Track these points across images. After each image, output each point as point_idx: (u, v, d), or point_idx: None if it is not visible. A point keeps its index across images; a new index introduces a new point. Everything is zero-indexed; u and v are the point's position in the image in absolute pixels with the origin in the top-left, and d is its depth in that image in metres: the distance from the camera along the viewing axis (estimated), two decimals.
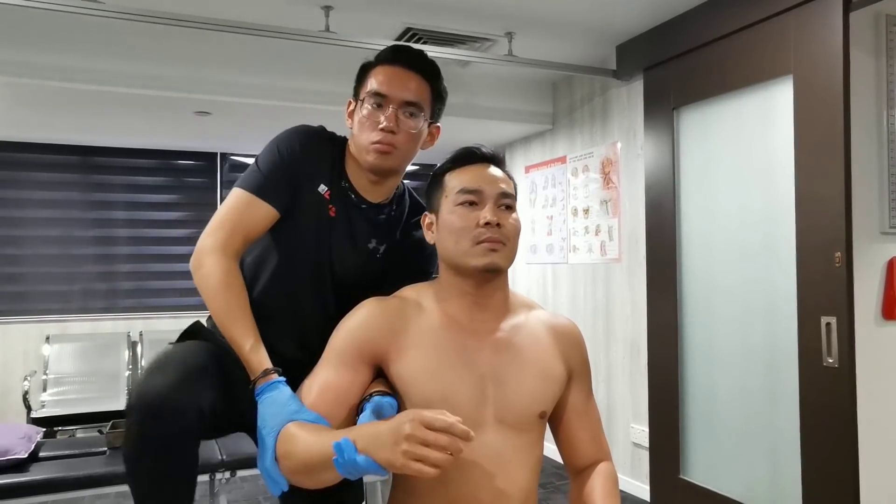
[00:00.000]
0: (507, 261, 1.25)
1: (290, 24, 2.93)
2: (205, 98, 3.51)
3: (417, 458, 0.93)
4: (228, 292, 1.29)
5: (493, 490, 1.19)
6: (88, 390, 4.39)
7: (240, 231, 1.34)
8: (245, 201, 1.36)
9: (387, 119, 1.36)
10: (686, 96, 3.09)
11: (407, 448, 0.93)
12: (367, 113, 1.38)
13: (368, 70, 1.43)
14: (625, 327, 3.72)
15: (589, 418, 1.34)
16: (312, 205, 1.40)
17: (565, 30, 3.33)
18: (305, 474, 1.10)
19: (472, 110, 4.07)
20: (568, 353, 1.32)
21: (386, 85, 1.38)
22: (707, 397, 3.02)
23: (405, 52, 1.43)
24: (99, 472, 2.58)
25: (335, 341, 1.23)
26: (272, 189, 1.36)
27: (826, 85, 2.42)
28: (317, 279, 1.42)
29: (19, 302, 4.56)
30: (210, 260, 1.30)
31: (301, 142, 1.41)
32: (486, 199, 1.24)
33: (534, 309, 1.36)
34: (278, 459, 1.12)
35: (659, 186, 3.25)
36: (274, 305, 1.37)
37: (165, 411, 1.13)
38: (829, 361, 2.39)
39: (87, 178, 4.75)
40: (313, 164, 1.41)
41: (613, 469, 1.33)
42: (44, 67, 3.16)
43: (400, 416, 0.98)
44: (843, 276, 2.35)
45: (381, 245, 1.46)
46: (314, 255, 1.40)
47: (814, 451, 2.47)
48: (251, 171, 1.39)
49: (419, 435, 0.93)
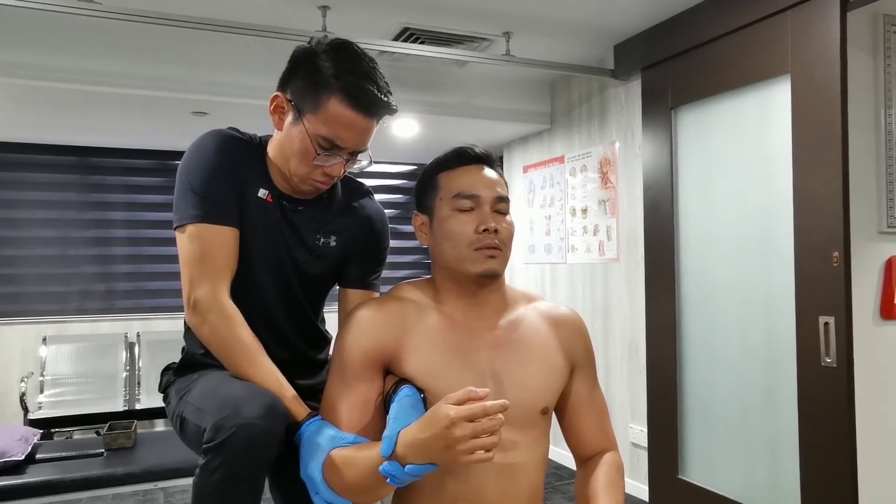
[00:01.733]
0: (504, 265, 1.26)
1: (288, 24, 2.93)
2: (201, 98, 3.50)
3: (472, 451, 0.99)
4: (242, 343, 1.25)
5: (498, 486, 1.20)
6: (86, 391, 4.38)
7: (222, 269, 1.27)
8: (207, 235, 1.26)
9: (338, 170, 1.29)
10: (684, 96, 3.09)
11: (461, 448, 0.98)
12: (313, 152, 1.25)
13: (317, 91, 1.23)
14: (623, 327, 3.72)
15: (594, 408, 1.35)
16: (257, 211, 1.32)
17: (563, 29, 3.32)
18: (359, 496, 1.14)
19: (470, 110, 4.06)
20: (569, 344, 1.32)
21: (344, 134, 1.25)
22: (705, 397, 3.02)
23: (366, 97, 1.24)
24: (96, 474, 2.58)
25: (342, 356, 1.23)
26: (222, 208, 1.27)
27: (824, 84, 2.41)
28: (282, 284, 1.38)
29: (16, 303, 4.55)
30: (212, 316, 1.24)
31: (226, 148, 1.30)
32: (483, 204, 1.23)
33: (534, 301, 1.36)
34: (331, 486, 1.14)
35: (657, 186, 3.25)
36: (250, 317, 1.30)
37: (267, 443, 1.10)
38: (827, 361, 2.39)
39: (85, 178, 4.73)
40: (246, 169, 1.32)
41: (619, 458, 1.34)
42: (40, 68, 3.15)
43: (438, 418, 1.01)
44: (840, 276, 2.35)
45: (329, 238, 1.40)
46: (273, 262, 1.35)
47: (812, 450, 2.47)
48: (189, 198, 1.27)
49: (468, 433, 0.98)
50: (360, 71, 1.24)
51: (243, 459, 1.08)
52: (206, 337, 1.27)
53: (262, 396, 1.15)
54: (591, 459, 1.33)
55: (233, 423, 1.08)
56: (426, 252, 5.81)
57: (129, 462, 2.71)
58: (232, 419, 1.08)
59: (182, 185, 1.28)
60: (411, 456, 1.04)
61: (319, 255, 1.39)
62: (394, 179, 5.64)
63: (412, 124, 4.15)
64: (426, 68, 3.88)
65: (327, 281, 1.46)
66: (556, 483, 3.84)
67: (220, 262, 1.26)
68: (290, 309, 1.40)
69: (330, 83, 1.22)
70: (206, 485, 1.10)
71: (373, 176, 5.39)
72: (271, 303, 1.37)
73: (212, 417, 1.11)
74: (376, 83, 1.25)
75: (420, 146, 4.84)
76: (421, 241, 1.31)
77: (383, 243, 1.50)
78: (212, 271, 1.25)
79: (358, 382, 1.21)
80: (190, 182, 1.27)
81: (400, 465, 1.04)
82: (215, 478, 1.09)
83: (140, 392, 4.45)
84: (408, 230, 5.51)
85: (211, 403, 1.17)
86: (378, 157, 5.40)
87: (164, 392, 1.45)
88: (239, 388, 1.19)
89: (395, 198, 5.62)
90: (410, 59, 3.66)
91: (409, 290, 1.31)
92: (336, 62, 1.23)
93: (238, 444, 1.07)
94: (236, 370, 1.25)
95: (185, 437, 1.31)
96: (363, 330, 1.23)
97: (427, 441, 1.02)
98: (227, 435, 1.07)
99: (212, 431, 1.09)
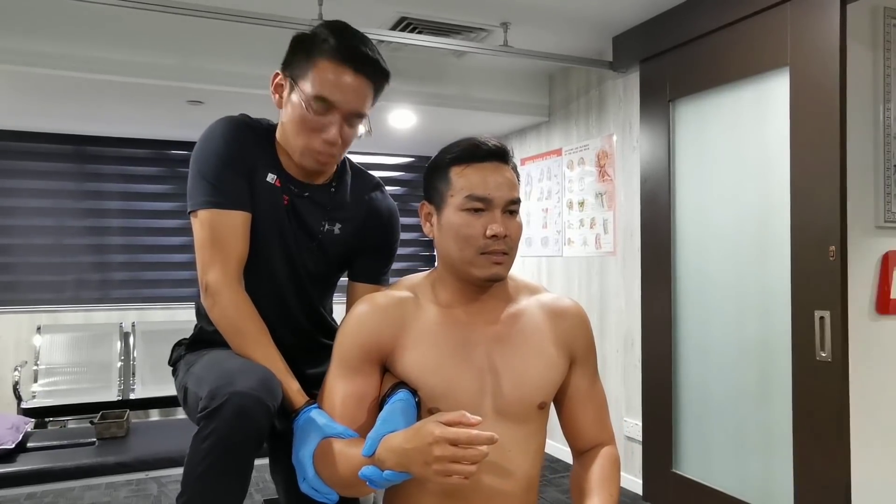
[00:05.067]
0: (509, 269, 1.26)
1: (284, 13, 2.90)
2: (198, 87, 3.47)
3: (448, 474, 1.01)
4: (249, 328, 1.28)
5: (493, 477, 1.20)
6: (80, 381, 4.37)
7: (232, 253, 1.29)
8: (217, 221, 1.29)
9: (333, 133, 1.29)
10: (682, 88, 3.08)
11: (438, 468, 1.00)
12: (308, 116, 1.28)
13: (310, 56, 1.27)
14: (619, 321, 3.71)
15: (592, 402, 1.34)
16: (265, 196, 1.34)
17: (561, 21, 3.30)
18: (343, 490, 1.17)
19: (467, 102, 4.03)
20: (569, 338, 1.31)
21: (336, 92, 1.26)
22: (700, 391, 3.01)
23: (354, 52, 1.27)
24: (87, 463, 2.57)
25: (342, 349, 1.24)
26: (231, 193, 1.30)
27: (823, 78, 2.40)
28: (290, 270, 1.39)
29: (11, 291, 4.52)
30: (222, 299, 1.28)
31: (234, 135, 1.32)
32: (494, 207, 1.21)
33: (537, 293, 1.34)
34: (319, 474, 1.16)
35: (654, 179, 3.24)
36: (262, 300, 1.34)
37: (257, 414, 1.12)
38: (822, 355, 2.39)
39: (80, 167, 4.70)
40: (254, 154, 1.34)
41: (615, 452, 1.34)
42: (35, 54, 3.12)
43: (424, 433, 1.02)
44: (837, 270, 2.34)
45: (334, 225, 1.41)
46: (282, 247, 1.37)
47: (806, 444, 2.46)
48: (200, 185, 1.30)
49: (448, 455, 0.99)
50: (348, 33, 1.29)
51: (233, 427, 1.10)
52: (216, 319, 1.30)
53: (259, 371, 1.18)
54: (588, 453, 1.33)
55: (226, 392, 1.11)
56: (425, 245, 5.81)
57: (121, 451, 2.71)
58: (225, 388, 1.11)
59: (193, 173, 1.32)
60: (390, 462, 1.06)
61: (323, 242, 1.40)
62: (391, 171, 5.62)
63: (409, 115, 4.12)
64: (424, 59, 3.85)
65: (333, 268, 1.47)
66: (551, 476, 3.83)
67: (230, 246, 1.29)
68: (300, 293, 1.42)
69: (321, 46, 1.26)
70: (197, 451, 1.12)
71: (370, 168, 5.36)
72: (282, 285, 1.39)
73: (208, 386, 1.14)
74: (366, 45, 1.28)
75: (417, 138, 4.82)
76: (426, 230, 1.30)
77: (393, 237, 1.51)
78: (223, 256, 1.28)
79: (355, 375, 1.22)
80: (200, 169, 1.30)
81: (379, 469, 1.07)
82: (206, 445, 1.11)
83: (135, 382, 4.44)
84: (406, 222, 5.52)
85: (211, 375, 1.21)
86: (375, 148, 5.39)
87: (174, 366, 1.49)
88: (239, 363, 1.23)
89: (393, 189, 5.60)
90: (408, 50, 3.63)
91: (410, 284, 1.31)
92: (330, 30, 1.28)
93: (229, 411, 1.10)
94: (242, 353, 1.28)
95: (187, 408, 1.34)
96: (361, 325, 1.23)
97: (408, 452, 1.03)
98: (220, 402, 1.10)
99: (206, 399, 1.12)
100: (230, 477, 1.14)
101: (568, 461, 4.06)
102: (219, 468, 1.12)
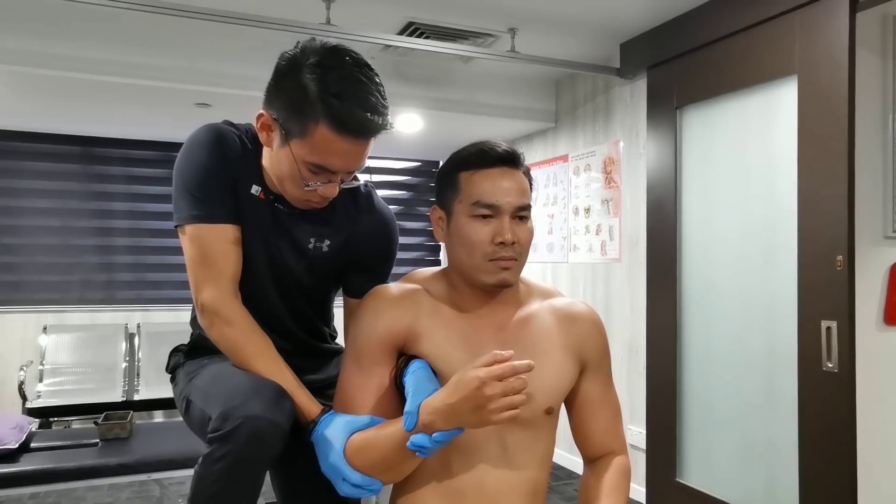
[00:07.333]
0: (518, 275, 1.26)
1: (291, 17, 2.91)
2: (205, 90, 3.48)
3: (505, 408, 1.02)
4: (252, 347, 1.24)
5: (498, 479, 1.20)
6: (85, 381, 4.37)
7: (224, 269, 1.24)
8: (206, 235, 1.23)
9: (332, 190, 1.23)
10: (689, 95, 3.06)
11: (493, 407, 1.01)
12: (304, 173, 1.20)
13: (303, 116, 1.15)
14: (623, 328, 3.70)
15: (604, 409, 1.32)
16: (249, 208, 1.28)
17: (569, 27, 3.30)
18: (386, 474, 1.16)
19: (474, 107, 4.03)
20: (581, 343, 1.29)
21: (336, 160, 1.18)
22: (705, 400, 2.99)
23: (356, 120, 1.16)
24: (90, 464, 2.57)
25: (357, 343, 1.24)
26: (217, 206, 1.24)
27: (831, 86, 2.38)
28: (280, 283, 1.35)
29: (17, 291, 4.54)
30: (219, 319, 1.24)
31: (217, 144, 1.26)
32: (503, 214, 1.20)
33: (549, 297, 1.33)
34: (358, 469, 1.14)
35: (661, 186, 3.22)
36: (256, 314, 1.29)
37: (273, 437, 1.10)
38: (828, 366, 2.37)
39: (87, 168, 4.72)
40: (237, 166, 1.27)
41: (627, 462, 1.32)
42: (43, 56, 3.14)
43: (467, 380, 1.03)
44: (844, 281, 2.32)
45: (322, 242, 1.35)
46: (269, 260, 1.32)
47: (812, 456, 2.44)
48: (184, 199, 1.24)
49: (499, 391, 1.01)
50: (347, 93, 1.14)
51: (248, 451, 1.08)
52: (215, 339, 1.26)
53: (271, 390, 1.15)
54: (599, 461, 1.32)
55: (240, 415, 1.08)
56: (430, 249, 5.80)
57: (124, 452, 2.70)
58: (239, 410, 1.08)
59: (177, 185, 1.26)
60: (439, 422, 1.05)
61: (312, 259, 1.35)
62: (397, 175, 5.62)
63: (416, 120, 4.12)
64: (431, 64, 3.85)
65: (325, 283, 1.43)
66: (554, 483, 3.82)
67: (222, 262, 1.24)
68: (293, 308, 1.39)
69: (315, 108, 1.13)
70: (208, 473, 1.10)
71: (376, 172, 5.37)
72: (272, 299, 1.35)
73: (219, 406, 1.11)
74: (367, 103, 1.15)
75: (424, 142, 4.82)
76: (437, 236, 1.29)
77: (386, 252, 1.44)
78: (215, 273, 1.24)
79: (374, 367, 1.22)
80: (184, 182, 1.25)
81: (426, 435, 1.06)
82: (218, 467, 1.09)
83: (139, 383, 4.44)
84: (411, 227, 5.53)
85: (219, 391, 1.17)
86: (382, 153, 5.39)
87: (172, 373, 1.45)
88: (249, 379, 1.19)
89: (399, 194, 5.60)
90: (415, 55, 3.63)
91: (420, 279, 1.30)
92: (322, 81, 1.14)
93: (244, 435, 1.07)
94: (247, 370, 1.23)
95: (189, 420, 1.31)
96: (377, 316, 1.23)
97: (456, 405, 1.03)
98: (234, 426, 1.07)
99: (218, 421, 1.09)
100: (241, 499, 1.13)
101: (572, 469, 4.04)
102: (230, 490, 1.11)
